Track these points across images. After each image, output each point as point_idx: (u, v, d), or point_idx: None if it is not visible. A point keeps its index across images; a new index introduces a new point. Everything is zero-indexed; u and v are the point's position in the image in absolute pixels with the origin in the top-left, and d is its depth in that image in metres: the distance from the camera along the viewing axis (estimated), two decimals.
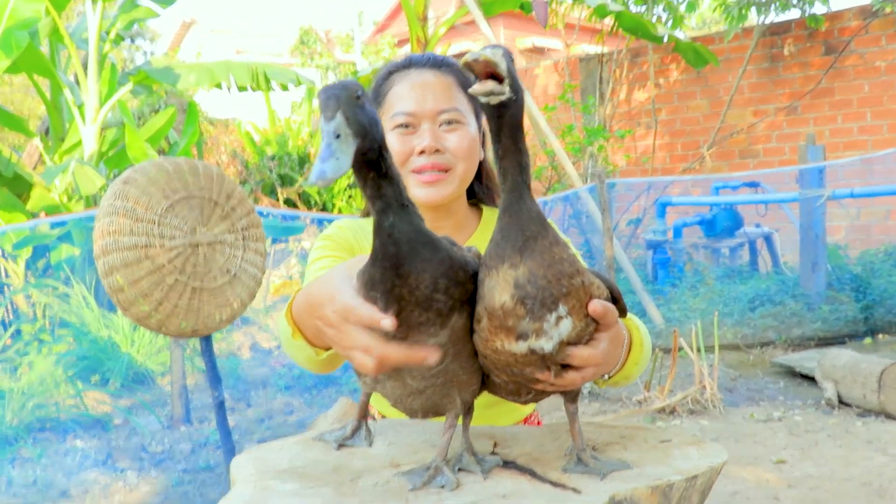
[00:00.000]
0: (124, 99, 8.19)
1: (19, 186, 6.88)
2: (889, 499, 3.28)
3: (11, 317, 5.96)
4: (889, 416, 4.28)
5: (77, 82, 7.87)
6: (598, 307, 1.17)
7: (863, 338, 6.10)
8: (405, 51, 12.90)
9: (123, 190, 3.25)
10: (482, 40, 8.57)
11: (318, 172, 0.96)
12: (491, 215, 1.83)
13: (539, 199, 7.54)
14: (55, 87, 7.38)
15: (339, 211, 10.98)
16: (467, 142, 1.67)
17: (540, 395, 1.35)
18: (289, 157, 11.57)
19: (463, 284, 1.15)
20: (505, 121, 1.11)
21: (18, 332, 5.67)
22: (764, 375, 5.39)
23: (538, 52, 17.39)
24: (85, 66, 7.43)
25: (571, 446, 1.39)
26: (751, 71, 9.08)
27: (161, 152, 10.04)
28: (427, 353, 1.16)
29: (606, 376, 1.48)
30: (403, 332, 1.15)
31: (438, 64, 1.74)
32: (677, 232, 7.62)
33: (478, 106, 1.80)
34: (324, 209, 11.10)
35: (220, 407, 3.62)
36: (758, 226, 7.69)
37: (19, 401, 4.50)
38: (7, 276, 6.41)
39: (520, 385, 1.28)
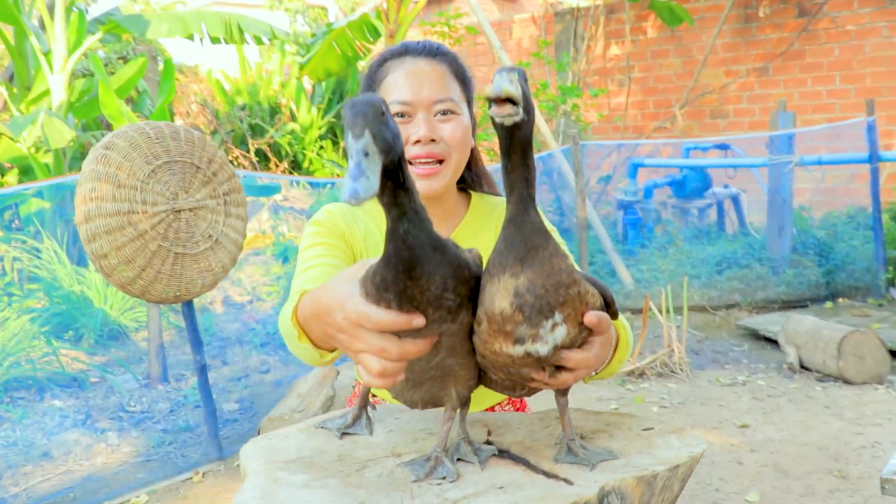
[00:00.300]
0: (93, 47, 8.04)
1: None
2: (843, 462, 3.43)
3: None
4: (846, 382, 4.45)
5: (43, 28, 7.70)
6: (593, 318, 1.24)
7: (824, 301, 6.28)
8: None
9: (105, 155, 3.25)
10: None
11: (352, 191, 0.98)
12: (479, 201, 1.88)
13: None
14: (19, 34, 7.21)
15: (310, 162, 10.94)
16: (461, 132, 1.71)
17: (533, 391, 1.43)
18: (259, 107, 11.46)
19: (468, 282, 1.21)
20: (516, 139, 1.16)
21: None
22: (729, 338, 5.55)
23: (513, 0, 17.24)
24: (51, 12, 7.27)
25: (561, 435, 1.47)
26: (725, 31, 9.12)
27: (129, 100, 9.90)
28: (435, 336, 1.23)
29: (594, 372, 1.56)
30: (415, 330, 1.20)
31: (433, 52, 1.76)
32: (648, 192, 7.72)
33: (470, 98, 1.84)
34: (294, 160, 11.05)
35: (203, 371, 3.67)
36: (726, 186, 7.81)
37: None
38: None
39: (515, 382, 1.35)
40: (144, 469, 3.68)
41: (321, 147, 11.06)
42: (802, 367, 4.73)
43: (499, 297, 1.19)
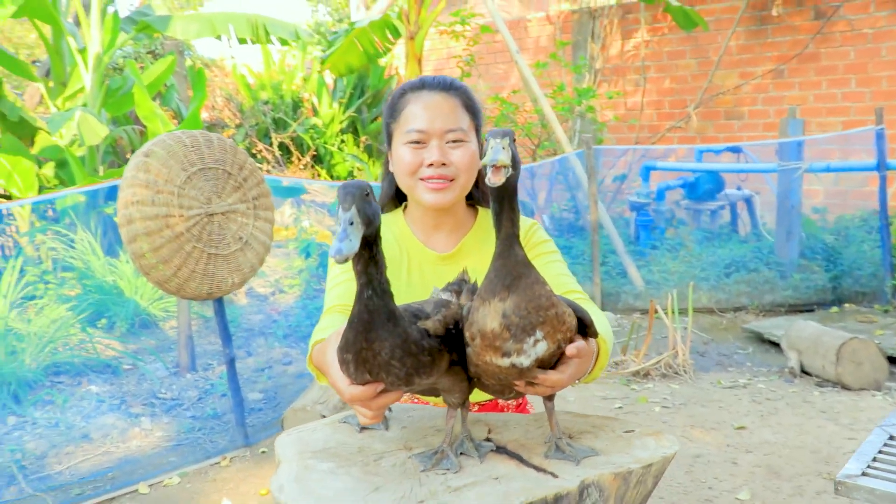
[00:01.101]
0: (124, 44, 8.31)
1: (24, 131, 7.05)
2: (833, 465, 3.63)
3: (20, 262, 6.19)
4: (844, 387, 4.64)
5: (78, 26, 7.98)
6: (573, 350, 1.51)
7: (830, 306, 6.45)
8: None
9: (145, 163, 3.51)
10: None
11: (337, 250, 1.28)
12: (485, 216, 2.14)
13: (527, 165, 7.77)
14: (57, 33, 7.49)
15: (332, 156, 11.17)
16: (468, 157, 1.97)
17: (520, 395, 1.67)
18: (282, 102, 11.71)
19: (415, 356, 1.46)
20: (504, 189, 1.44)
21: (23, 273, 5.90)
22: (734, 340, 5.75)
23: None
24: (87, 11, 7.55)
25: (550, 435, 1.71)
26: (740, 32, 9.24)
27: (158, 95, 10.17)
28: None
29: (577, 381, 1.81)
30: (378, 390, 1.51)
31: (447, 87, 2.03)
32: (660, 195, 7.90)
33: (478, 126, 2.09)
34: (316, 153, 11.29)
35: (231, 364, 3.92)
36: (739, 188, 7.97)
37: (36, 345, 4.77)
38: (10, 215, 6.62)
39: (503, 386, 1.60)
40: (176, 453, 3.95)
41: (342, 141, 11.29)
42: (803, 371, 4.92)
43: (490, 318, 1.46)
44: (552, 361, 1.52)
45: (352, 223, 1.32)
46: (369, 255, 1.40)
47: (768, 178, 7.90)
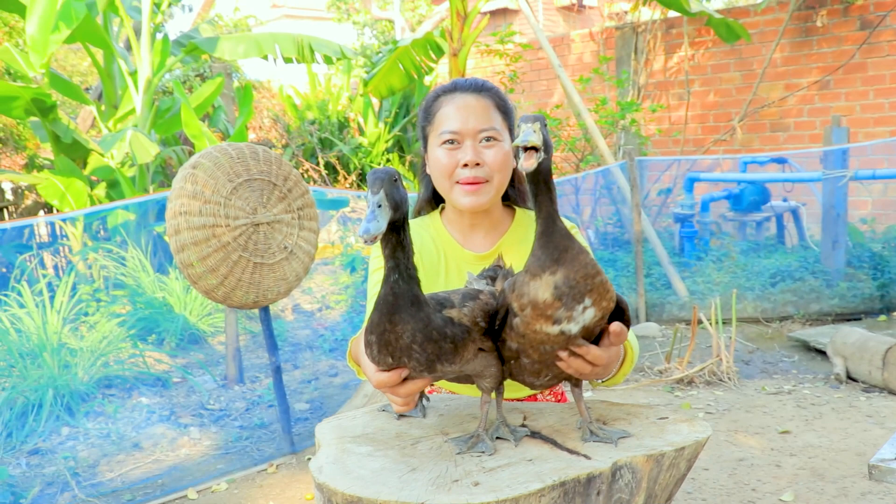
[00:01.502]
0: (173, 66, 8.53)
1: (77, 152, 7.27)
2: None
3: (72, 278, 6.37)
4: (891, 392, 4.57)
5: (129, 50, 8.23)
6: (616, 327, 1.58)
7: (878, 315, 6.35)
8: (443, 8, 13.05)
9: (192, 174, 3.61)
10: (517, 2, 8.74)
11: (364, 229, 1.33)
12: (522, 215, 2.18)
13: (571, 176, 7.80)
14: (108, 56, 7.74)
15: None
16: (502, 156, 2.01)
17: (554, 379, 1.70)
18: (329, 122, 11.90)
19: (436, 342, 1.50)
20: (539, 173, 1.49)
21: (74, 291, 6.08)
22: (780, 349, 5.69)
23: (576, 10, 17.37)
24: (137, 34, 7.78)
25: (581, 420, 1.74)
26: (784, 44, 9.18)
27: (206, 116, 10.41)
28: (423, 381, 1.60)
29: (600, 380, 1.84)
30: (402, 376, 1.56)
31: (479, 89, 2.09)
32: (704, 206, 7.85)
33: (511, 125, 2.14)
34: (362, 172, 11.44)
35: (277, 371, 4.00)
36: (785, 200, 7.90)
37: (88, 359, 4.91)
38: (64, 237, 6.83)
39: (542, 365, 1.63)
40: (224, 460, 4.04)
41: (387, 160, 11.43)
42: (850, 377, 4.86)
43: (542, 289, 1.51)
44: (596, 332, 1.58)
45: (380, 206, 1.37)
46: (397, 239, 1.45)
47: (814, 189, 7.81)
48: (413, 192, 2.37)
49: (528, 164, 1.42)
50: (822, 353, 5.39)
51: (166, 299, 6.14)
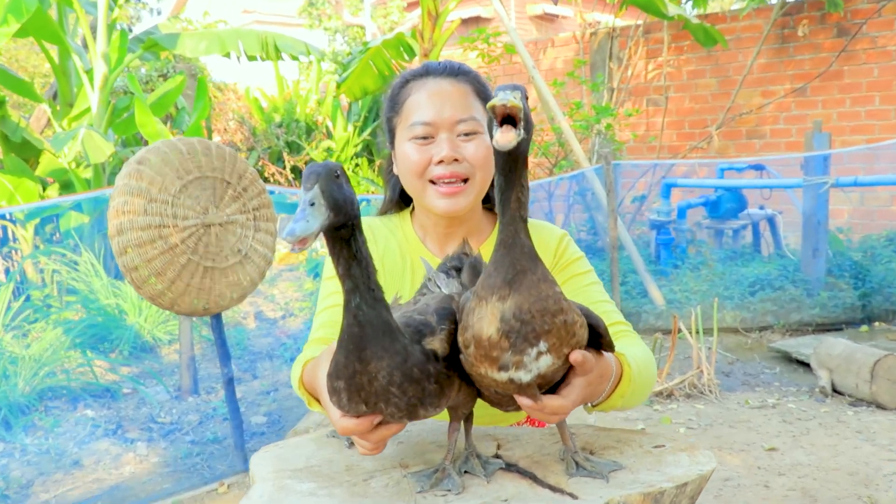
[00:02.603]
0: (135, 66, 8.21)
1: (28, 152, 6.93)
2: (873, 488, 3.37)
3: (20, 282, 6.03)
4: (879, 407, 4.37)
5: (85, 47, 7.87)
6: (577, 357, 1.24)
7: (859, 325, 6.18)
8: (415, 15, 12.84)
9: (138, 170, 3.32)
10: (492, 7, 8.54)
11: (289, 230, 1.06)
12: None
13: (545, 180, 7.59)
14: (63, 53, 7.38)
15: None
16: (484, 150, 1.70)
17: (520, 409, 1.42)
18: (296, 125, 11.58)
19: (418, 382, 1.22)
20: (515, 157, 1.17)
21: (28, 298, 5.74)
22: (761, 360, 5.48)
23: (548, 19, 17.25)
24: (93, 31, 7.45)
25: (564, 449, 1.48)
26: (762, 51, 9.06)
27: (168, 118, 10.08)
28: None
29: (590, 404, 1.55)
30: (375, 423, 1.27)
31: (455, 72, 1.77)
32: (681, 213, 7.66)
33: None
34: None
35: (230, 383, 3.72)
36: (762, 208, 7.73)
37: (31, 368, 4.59)
38: (16, 241, 6.49)
39: (502, 399, 1.35)
40: (171, 479, 3.73)
41: (357, 164, 11.14)
42: (835, 390, 4.65)
43: (486, 321, 1.20)
44: (557, 377, 1.28)
45: (312, 204, 1.10)
46: (349, 252, 1.18)
47: (793, 197, 7.66)
48: (371, 195, 2.05)
49: (505, 139, 1.11)
50: (804, 364, 5.19)
51: (120, 305, 5.82)
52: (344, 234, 1.17)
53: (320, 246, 8.12)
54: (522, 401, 1.26)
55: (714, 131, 9.23)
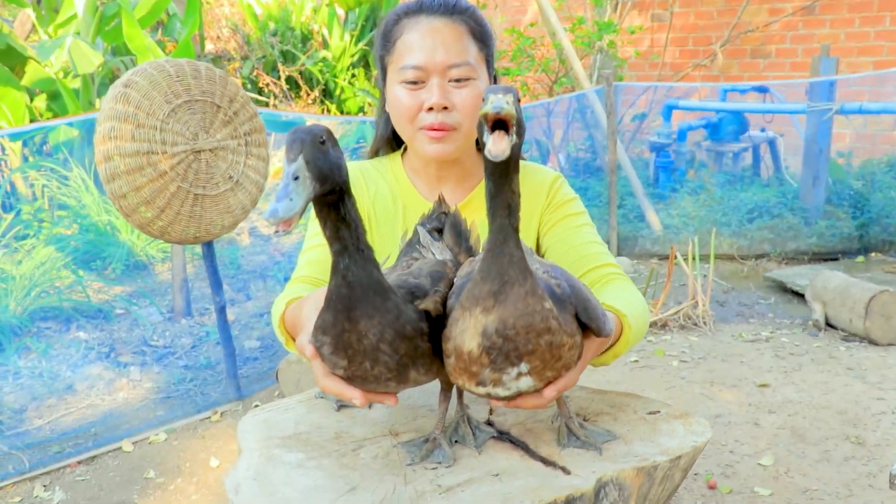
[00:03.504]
0: None
1: (13, 59, 6.72)
2: (862, 427, 3.38)
3: (9, 194, 5.93)
4: (872, 342, 4.36)
5: None
6: (551, 394, 1.23)
7: (856, 255, 6.14)
8: None
9: (125, 93, 3.21)
10: None
11: (271, 211, 0.99)
12: None
13: (544, 101, 7.43)
14: None
15: (342, 91, 10.83)
16: (474, 98, 1.65)
17: None
18: (291, 33, 11.29)
19: (411, 340, 1.18)
20: (506, 165, 1.10)
21: (18, 213, 5.65)
22: (756, 289, 5.46)
23: None
24: None
25: (557, 414, 1.45)
26: None
27: (160, 24, 9.79)
28: (388, 399, 1.28)
29: None
30: (360, 384, 1.22)
31: (450, 10, 1.70)
32: (681, 135, 7.54)
33: (490, 55, 1.77)
34: (326, 88, 10.94)
35: (222, 311, 3.69)
36: (763, 130, 7.61)
37: (23, 288, 4.54)
38: (4, 152, 6.37)
39: None
40: (164, 406, 3.73)
41: (353, 75, 10.91)
42: (828, 324, 4.65)
43: (468, 335, 1.15)
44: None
45: (297, 178, 1.03)
46: (337, 216, 1.12)
47: (795, 121, 7.52)
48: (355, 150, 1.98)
49: (498, 148, 1.03)
50: (799, 295, 5.17)
51: (112, 222, 5.74)
52: (331, 199, 1.12)
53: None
54: (496, 402, 1.26)
55: (718, 48, 9.01)
